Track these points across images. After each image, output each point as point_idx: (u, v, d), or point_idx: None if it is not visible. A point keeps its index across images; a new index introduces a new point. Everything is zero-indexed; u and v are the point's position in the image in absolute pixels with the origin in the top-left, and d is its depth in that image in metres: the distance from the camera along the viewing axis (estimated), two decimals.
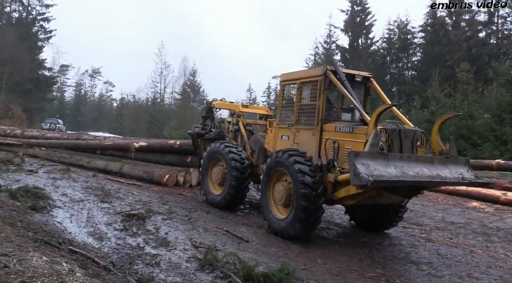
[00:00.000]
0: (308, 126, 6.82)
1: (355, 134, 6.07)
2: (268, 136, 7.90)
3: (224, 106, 10.00)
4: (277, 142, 7.47)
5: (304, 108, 6.97)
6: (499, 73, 21.82)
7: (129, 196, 9.08)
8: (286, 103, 7.63)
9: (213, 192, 8.60)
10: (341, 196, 5.97)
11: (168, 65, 64.41)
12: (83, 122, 64.95)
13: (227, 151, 8.12)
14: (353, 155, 5.16)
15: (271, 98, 60.20)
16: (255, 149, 8.39)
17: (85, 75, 78.37)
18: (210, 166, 8.75)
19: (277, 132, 7.56)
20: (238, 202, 8.36)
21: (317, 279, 4.75)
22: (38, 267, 3.47)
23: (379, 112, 5.62)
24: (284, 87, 7.65)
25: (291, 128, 7.17)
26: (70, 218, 6.76)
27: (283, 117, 7.50)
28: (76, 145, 15.33)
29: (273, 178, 6.84)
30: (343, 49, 42.14)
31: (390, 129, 5.94)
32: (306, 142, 6.78)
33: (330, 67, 6.73)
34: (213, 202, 8.47)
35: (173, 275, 4.54)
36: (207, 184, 8.78)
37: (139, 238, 5.89)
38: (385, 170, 5.25)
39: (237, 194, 8.05)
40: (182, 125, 44.47)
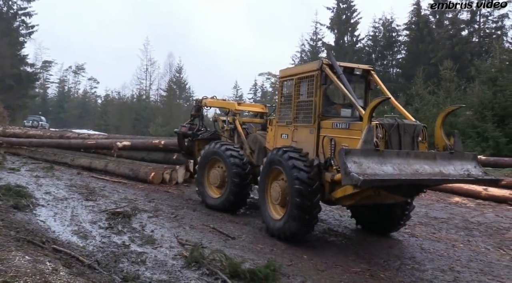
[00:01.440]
0: (306, 124, 6.53)
1: (351, 131, 5.74)
2: (269, 135, 7.63)
3: (217, 105, 9.66)
4: (277, 141, 7.20)
5: (302, 104, 6.68)
6: (481, 71, 22.22)
7: (114, 194, 9.01)
8: (285, 100, 7.28)
9: (212, 195, 8.22)
10: (338, 196, 5.71)
11: (154, 61, 63.79)
12: (67, 119, 63.94)
13: (224, 149, 7.83)
14: (344, 152, 4.88)
15: (258, 95, 60.24)
16: (254, 149, 8.10)
17: (68, 72, 77.16)
18: (207, 168, 8.35)
19: (277, 130, 7.29)
20: (242, 202, 7.92)
21: (303, 275, 4.79)
22: (20, 266, 3.42)
23: (373, 106, 5.30)
24: (283, 83, 7.34)
25: (289, 126, 6.90)
26: (53, 216, 6.67)
27: (282, 115, 7.22)
28: (58, 144, 15.00)
29: (270, 177, 6.64)
30: (329, 46, 42.36)
31: (387, 124, 5.59)
32: (304, 140, 6.53)
33: (327, 60, 6.44)
34: (214, 205, 8.04)
35: (159, 272, 4.52)
36: (205, 187, 8.36)
37: (125, 236, 5.84)
38: (379, 169, 4.93)
39: (241, 192, 7.69)
40: (168, 122, 44.16)
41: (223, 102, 9.61)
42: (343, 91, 6.08)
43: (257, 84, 62.39)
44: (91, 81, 77.18)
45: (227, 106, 9.23)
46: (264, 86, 60.76)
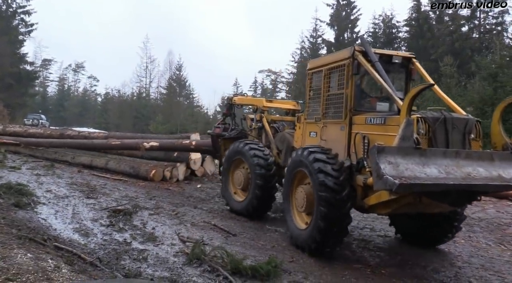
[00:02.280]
0: (336, 119, 5.79)
1: (387, 126, 4.93)
2: (296, 133, 6.98)
3: (245, 102, 9.00)
4: (305, 140, 6.51)
5: (332, 98, 5.94)
6: (481, 67, 22.17)
7: (115, 192, 9.02)
8: (313, 94, 6.51)
9: (236, 198, 7.65)
10: (372, 202, 4.95)
11: (154, 59, 63.64)
12: (67, 118, 63.87)
13: (248, 148, 7.24)
14: (376, 151, 4.11)
15: (258, 92, 60.09)
16: (281, 148, 7.48)
17: (68, 70, 76.99)
18: (231, 169, 7.80)
19: (305, 128, 6.58)
20: (267, 206, 7.31)
21: (304, 271, 4.80)
22: (22, 264, 3.43)
23: (413, 95, 4.44)
24: (312, 76, 6.56)
25: (318, 122, 6.18)
26: (55, 214, 6.69)
27: (311, 111, 6.49)
28: (81, 145, 14.33)
29: (294, 181, 5.95)
30: (329, 43, 42.26)
31: (432, 117, 4.76)
32: (334, 138, 5.79)
33: (359, 47, 5.66)
34: (237, 209, 7.49)
35: (161, 269, 4.54)
36: (229, 190, 7.80)
37: (126, 234, 5.86)
38: (421, 171, 4.15)
39: (265, 196, 7.03)
40: (168, 120, 44.12)
41: (251, 99, 9.07)
42: (378, 80, 5.24)
43: (257, 81, 62.27)
44: (91, 79, 77.10)
45: (255, 103, 8.67)
46: (264, 83, 60.68)
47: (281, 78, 54.88)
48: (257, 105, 8.43)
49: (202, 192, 9.91)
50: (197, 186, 10.62)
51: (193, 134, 11.98)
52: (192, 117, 47.48)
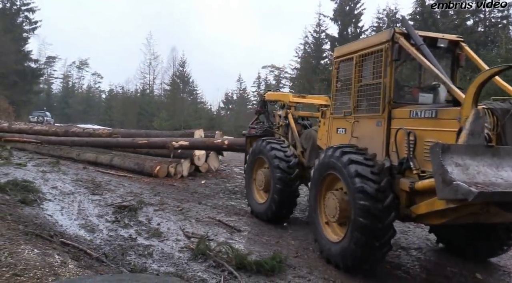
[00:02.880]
0: (371, 113, 5.02)
1: (440, 121, 4.18)
2: (321, 130, 6.26)
3: (274, 97, 8.36)
4: (332, 137, 5.81)
5: (366, 89, 5.14)
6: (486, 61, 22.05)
7: (120, 188, 9.06)
8: (342, 85, 5.74)
9: (257, 199, 7.15)
10: (421, 211, 4.19)
11: (157, 56, 63.87)
12: (71, 115, 64.15)
13: (269, 148, 6.68)
14: (440, 150, 3.40)
15: (261, 88, 59.99)
16: (306, 147, 6.87)
17: (72, 67, 77.16)
18: (254, 170, 7.35)
19: (331, 124, 5.86)
20: (287, 211, 6.69)
21: (308, 266, 4.82)
22: (30, 259, 3.46)
23: (482, 82, 3.75)
24: (339, 65, 5.81)
25: (348, 117, 5.40)
26: (61, 210, 6.73)
27: (338, 104, 5.78)
28: (105, 143, 13.92)
29: (323, 186, 5.17)
30: (333, 38, 42.06)
31: (500, 109, 4.06)
32: (368, 136, 5.04)
33: (400, 29, 4.88)
34: (257, 212, 6.96)
35: (166, 265, 4.57)
36: (252, 191, 7.33)
37: (131, 230, 5.90)
38: (496, 175, 3.45)
39: (284, 200, 6.43)
40: (172, 116, 44.23)
41: (278, 94, 8.37)
42: (428, 67, 4.44)
43: (260, 77, 62.14)
44: (95, 76, 77.23)
45: (281, 98, 7.99)
46: (268, 79, 60.52)
47: (285, 74, 54.74)
48: (284, 101, 7.77)
49: (206, 188, 9.95)
50: (202, 182, 10.66)
51: (196, 130, 12.02)
52: (195, 114, 47.59)
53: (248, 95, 61.94)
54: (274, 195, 6.46)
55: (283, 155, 6.56)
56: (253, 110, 8.25)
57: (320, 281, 4.42)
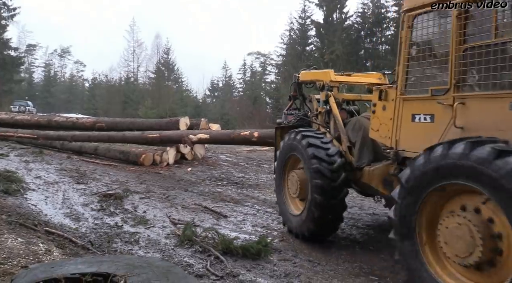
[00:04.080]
0: (496, 91, 3.34)
1: None
2: (377, 118, 4.57)
3: (309, 77, 6.33)
4: (402, 127, 4.16)
5: (479, 53, 3.42)
6: None
7: (105, 177, 9.01)
8: (420, 51, 4.09)
9: (291, 210, 5.52)
10: None
11: (141, 43, 62.50)
12: (54, 104, 62.95)
13: (306, 144, 5.04)
14: None
15: (247, 75, 59.75)
16: (355, 140, 5.16)
17: (54, 55, 75.30)
18: (285, 171, 5.76)
19: (400, 108, 4.20)
20: (329, 229, 5.16)
21: (293, 249, 4.90)
22: (13, 248, 3.45)
23: None
24: (412, 21, 4.13)
25: (440, 98, 3.72)
26: (45, 200, 6.68)
27: (415, 80, 4.18)
28: (110, 137, 12.48)
29: (429, 204, 3.31)
30: (318, 24, 41.94)
31: None
32: (490, 125, 3.37)
33: None
34: (292, 226, 5.39)
35: (153, 251, 4.60)
36: (283, 198, 5.72)
37: (117, 217, 5.89)
38: None
39: (325, 216, 4.88)
40: (157, 104, 43.76)
41: (314, 72, 6.39)
42: None
43: (246, 64, 61.73)
44: (78, 64, 75.70)
45: (319, 77, 6.01)
46: (254, 66, 60.19)
47: (270, 61, 54.50)
48: (323, 80, 5.80)
49: (192, 175, 9.95)
50: (188, 169, 10.65)
51: (182, 118, 11.94)
52: (181, 101, 47.18)
53: (234, 82, 61.65)
54: (312, 209, 4.88)
55: (324, 155, 4.93)
56: None
57: (305, 263, 4.50)
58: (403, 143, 4.19)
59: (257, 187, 8.81)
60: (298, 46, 43.08)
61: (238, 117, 38.80)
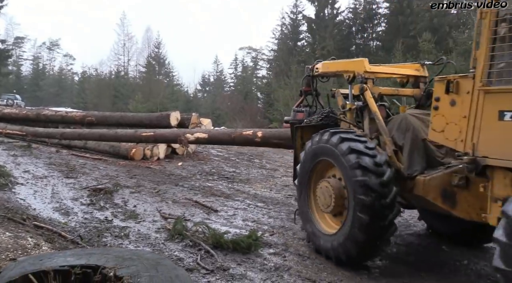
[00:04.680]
0: None
1: None
2: (441, 116, 3.85)
3: (334, 68, 5.46)
4: (483, 128, 3.43)
5: None
6: (458, 43, 22.51)
7: (95, 171, 8.94)
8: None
9: (321, 227, 4.59)
10: None
11: (131, 36, 62.14)
12: (43, 97, 62.16)
13: (346, 149, 4.07)
14: None
15: (238, 70, 59.58)
16: (402, 143, 4.31)
17: (42, 48, 74.35)
18: (311, 178, 4.78)
19: (479, 104, 3.46)
20: (373, 255, 4.29)
21: (284, 244, 4.93)
22: (1, 242, 3.42)
23: None
24: None
25: None
26: (34, 194, 6.61)
27: (504, 66, 3.34)
28: (101, 135, 11.68)
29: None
30: (310, 19, 41.94)
31: None
32: None
33: None
34: (323, 248, 4.45)
35: (143, 245, 4.59)
36: (309, 213, 4.76)
37: (107, 212, 5.86)
38: None
39: (372, 239, 3.99)
40: (148, 99, 43.46)
41: (344, 62, 5.48)
42: None
43: (237, 59, 61.55)
44: (67, 57, 74.81)
45: (350, 67, 5.09)
46: (245, 61, 60.04)
47: (262, 56, 54.40)
48: (355, 71, 4.93)
49: (183, 170, 9.93)
50: (178, 164, 10.63)
51: (173, 112, 11.86)
52: (172, 96, 46.96)
53: (225, 77, 61.48)
54: (355, 231, 3.94)
55: (371, 164, 3.95)
56: None
57: (295, 257, 4.54)
58: (485, 148, 3.38)
59: (248, 182, 8.83)
60: (290, 41, 43.06)
61: (229, 112, 38.74)
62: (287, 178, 9.47)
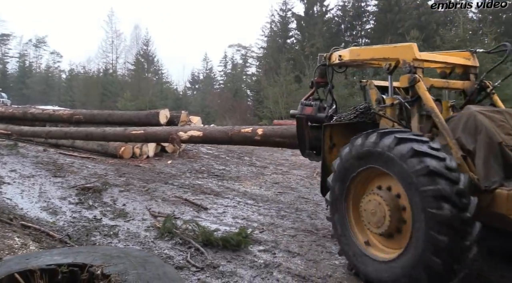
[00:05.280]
0: None
1: None
2: None
3: (368, 55, 4.53)
4: None
5: None
6: (445, 40, 22.74)
7: (83, 170, 8.86)
8: None
9: (367, 251, 3.70)
10: None
11: (120, 34, 61.59)
12: (30, 95, 61.31)
13: (409, 151, 3.25)
14: None
15: (228, 67, 59.38)
16: (473, 148, 3.50)
17: (29, 45, 73.25)
18: (351, 192, 3.90)
19: None
20: (449, 280, 3.22)
21: (274, 241, 4.95)
22: None
23: None
24: None
25: None
26: (21, 194, 6.53)
27: None
28: (88, 134, 10.87)
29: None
30: (299, 17, 42.02)
31: None
32: None
33: None
34: (368, 276, 3.61)
35: (132, 244, 4.57)
36: (347, 231, 3.89)
37: (96, 211, 5.82)
38: None
39: (449, 265, 3.09)
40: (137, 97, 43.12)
41: (381, 48, 4.42)
42: None
43: (227, 56, 61.34)
44: (54, 55, 73.79)
45: (392, 54, 4.21)
46: (235, 58, 59.87)
47: (251, 53, 54.32)
48: (400, 59, 4.09)
49: (173, 168, 9.90)
50: (168, 162, 10.59)
51: (162, 110, 11.78)
52: (161, 94, 46.68)
53: (215, 74, 61.27)
54: (429, 256, 3.10)
55: (443, 168, 3.13)
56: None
57: (284, 254, 4.55)
58: None
59: (238, 180, 8.84)
60: (279, 39, 43.09)
61: (219, 110, 38.67)
62: (276, 176, 9.50)
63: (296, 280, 3.85)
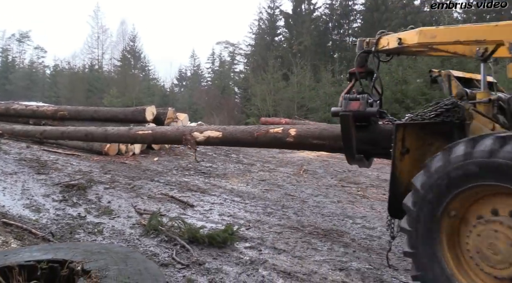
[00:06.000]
0: None
1: None
2: None
3: (451, 37, 3.54)
4: None
5: None
6: None
7: (67, 167, 8.73)
8: None
9: None
10: None
11: (106, 29, 60.79)
12: (13, 91, 60.15)
13: None
14: None
15: (215, 64, 59.15)
16: None
17: (11, 40, 71.87)
18: (445, 218, 2.87)
19: None
20: None
21: (260, 237, 4.96)
22: None
23: None
24: None
25: None
26: (2, 191, 6.40)
27: None
28: (88, 134, 9.41)
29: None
30: (287, 14, 42.08)
31: None
32: None
33: None
34: None
35: (117, 241, 4.52)
36: (445, 273, 2.81)
37: (80, 208, 5.75)
38: None
39: None
40: (123, 93, 42.70)
41: (472, 27, 3.47)
42: None
43: (214, 53, 61.06)
44: (38, 50, 72.51)
45: (489, 35, 3.22)
46: (222, 56, 59.66)
47: (239, 50, 54.21)
48: (504, 41, 3.13)
49: (159, 165, 9.83)
50: (154, 159, 10.51)
51: (148, 106, 11.68)
52: (148, 90, 46.32)
53: (202, 71, 61.01)
54: None
55: None
56: None
57: (270, 251, 4.57)
58: None
59: (225, 177, 8.83)
60: (267, 36, 43.11)
61: (206, 107, 38.54)
62: (263, 173, 9.52)
63: (282, 277, 3.87)
